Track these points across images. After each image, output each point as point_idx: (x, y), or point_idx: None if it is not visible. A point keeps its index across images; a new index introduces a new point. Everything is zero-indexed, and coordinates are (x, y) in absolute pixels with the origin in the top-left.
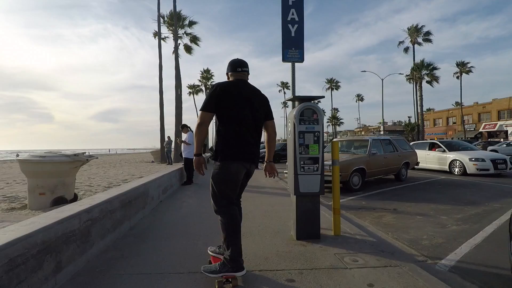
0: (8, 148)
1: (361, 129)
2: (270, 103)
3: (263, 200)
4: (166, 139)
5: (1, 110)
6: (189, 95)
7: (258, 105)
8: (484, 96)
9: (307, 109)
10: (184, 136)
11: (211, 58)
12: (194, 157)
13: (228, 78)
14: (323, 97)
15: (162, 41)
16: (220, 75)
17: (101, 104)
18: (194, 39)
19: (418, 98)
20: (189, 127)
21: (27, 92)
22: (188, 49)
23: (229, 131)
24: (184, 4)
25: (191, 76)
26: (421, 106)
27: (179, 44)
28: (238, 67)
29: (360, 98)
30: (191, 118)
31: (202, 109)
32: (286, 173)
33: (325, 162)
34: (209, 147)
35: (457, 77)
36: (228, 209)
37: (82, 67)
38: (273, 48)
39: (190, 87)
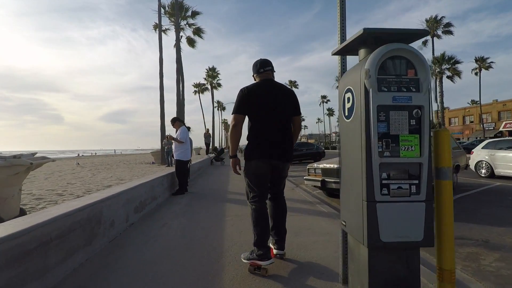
0: (20, 149)
1: None
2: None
3: None
4: (165, 139)
5: (13, 111)
6: (195, 94)
7: (284, 102)
8: (498, 94)
9: (394, 58)
10: (175, 133)
11: (218, 58)
12: (231, 159)
13: (255, 80)
14: (427, 32)
15: (163, 33)
16: (227, 76)
17: (110, 105)
18: (198, 31)
19: (438, 94)
20: (182, 121)
21: (37, 93)
22: (191, 42)
23: (254, 131)
24: (190, 5)
25: (197, 76)
26: (442, 103)
27: (181, 36)
28: (260, 68)
29: None
30: (197, 119)
31: (234, 112)
32: (307, 179)
33: None
34: (215, 147)
35: (476, 73)
36: (255, 202)
37: (91, 69)
38: (280, 48)
39: (195, 85)
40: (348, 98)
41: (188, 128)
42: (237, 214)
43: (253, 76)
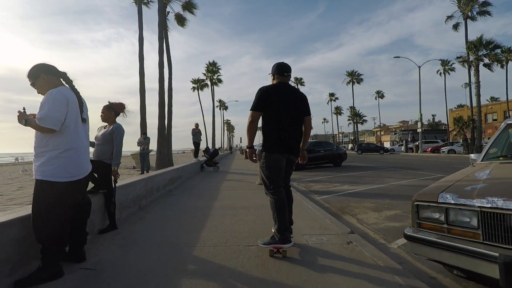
0: (24, 151)
1: (381, 129)
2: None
3: None
4: (141, 137)
5: None
6: (193, 90)
7: (297, 104)
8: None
9: None
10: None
11: (221, 60)
12: (248, 149)
13: (273, 79)
14: None
15: (145, 6)
16: (230, 77)
17: None
18: (188, 6)
19: (474, 86)
20: (64, 76)
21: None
22: (181, 20)
23: (271, 129)
24: None
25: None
26: (478, 95)
27: (169, 12)
28: (284, 72)
29: (380, 95)
30: (196, 121)
31: (253, 109)
32: (418, 240)
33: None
34: (206, 148)
35: (501, 66)
36: (275, 191)
37: (95, 71)
38: (284, 49)
39: (194, 81)
40: None
41: (122, 108)
42: None
43: (271, 75)
